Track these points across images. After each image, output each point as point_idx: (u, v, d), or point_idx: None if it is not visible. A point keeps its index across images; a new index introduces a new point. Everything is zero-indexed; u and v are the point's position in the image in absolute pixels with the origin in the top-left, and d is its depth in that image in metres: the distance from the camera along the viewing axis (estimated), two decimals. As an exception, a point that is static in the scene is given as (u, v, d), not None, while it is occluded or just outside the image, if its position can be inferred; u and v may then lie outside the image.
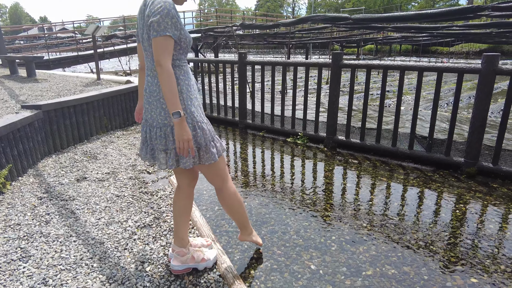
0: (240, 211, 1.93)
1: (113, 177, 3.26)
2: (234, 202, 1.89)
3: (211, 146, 1.69)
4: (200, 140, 1.65)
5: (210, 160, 1.68)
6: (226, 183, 1.84)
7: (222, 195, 1.86)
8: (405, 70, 3.53)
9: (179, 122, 1.51)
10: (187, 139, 1.53)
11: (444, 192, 2.93)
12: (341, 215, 2.55)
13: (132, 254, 2.06)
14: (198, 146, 1.66)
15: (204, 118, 1.70)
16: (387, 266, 1.98)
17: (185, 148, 1.54)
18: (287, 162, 3.72)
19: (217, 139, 1.77)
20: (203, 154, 1.67)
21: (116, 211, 2.60)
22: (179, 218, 1.90)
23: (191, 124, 1.63)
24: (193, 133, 1.64)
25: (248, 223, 2.02)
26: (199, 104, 1.71)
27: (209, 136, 1.68)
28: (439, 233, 2.31)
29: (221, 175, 1.81)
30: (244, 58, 4.80)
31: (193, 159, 1.66)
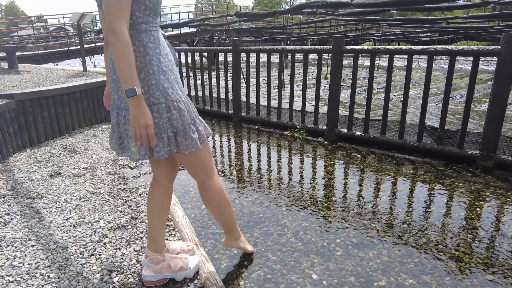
0: (227, 212, 1.61)
1: (90, 173, 2.93)
2: (220, 201, 1.56)
3: (190, 130, 1.36)
4: (176, 123, 1.33)
5: (190, 147, 1.36)
6: (211, 178, 1.52)
7: (206, 192, 1.54)
8: (413, 54, 3.21)
9: (135, 102, 1.18)
10: (144, 124, 1.20)
11: (460, 188, 2.61)
12: (345, 215, 2.23)
13: (100, 261, 1.73)
14: (174, 131, 1.34)
15: (182, 96, 1.38)
16: (403, 275, 1.65)
17: (142, 136, 1.21)
18: (284, 157, 3.39)
19: (200, 122, 1.44)
20: (181, 141, 1.35)
21: (88, 210, 2.26)
22: (155, 217, 1.57)
23: (164, 104, 1.30)
24: (168, 115, 1.31)
25: (236, 227, 1.70)
26: (176, 78, 1.39)
27: (188, 118, 1.36)
28: (461, 234, 1.99)
29: (204, 167, 1.49)
30: (238, 46, 4.47)
31: (168, 147, 1.33)
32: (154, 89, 1.28)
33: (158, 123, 1.30)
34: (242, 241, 1.75)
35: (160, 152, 1.31)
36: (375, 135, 3.58)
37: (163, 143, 1.31)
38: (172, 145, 1.34)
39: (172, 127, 1.33)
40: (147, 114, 1.21)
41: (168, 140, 1.33)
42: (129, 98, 1.17)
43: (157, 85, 1.28)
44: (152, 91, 1.28)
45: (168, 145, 1.33)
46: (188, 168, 1.50)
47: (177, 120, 1.33)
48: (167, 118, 1.31)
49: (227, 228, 1.67)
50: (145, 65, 1.27)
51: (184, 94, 1.41)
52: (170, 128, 1.32)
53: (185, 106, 1.36)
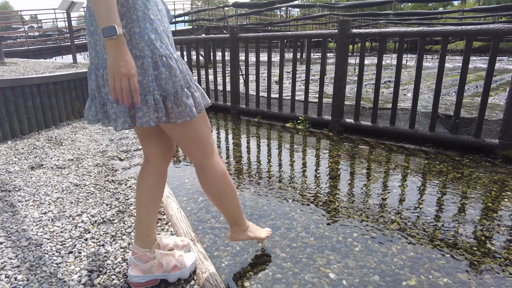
0: (230, 200, 1.35)
1: (76, 164, 2.66)
2: (222, 186, 1.30)
3: (183, 94, 1.10)
4: (165, 84, 1.07)
5: (183, 116, 1.10)
6: (211, 158, 1.26)
7: (205, 174, 1.27)
8: (425, 37, 2.98)
9: (114, 45, 0.93)
10: (126, 73, 0.95)
11: (482, 178, 2.38)
12: (360, 207, 1.99)
13: (79, 259, 1.47)
14: (163, 94, 1.08)
15: (174, 53, 1.12)
16: (434, 273, 1.41)
17: (124, 88, 0.96)
18: (287, 149, 3.15)
19: (196, 87, 1.19)
20: (172, 107, 1.09)
21: (70, 203, 2.00)
22: (144, 206, 1.32)
23: (150, 59, 1.05)
24: (155, 73, 1.06)
25: (242, 217, 1.44)
26: (167, 31, 1.13)
27: (180, 79, 1.10)
28: (494, 227, 1.76)
29: (202, 143, 1.23)
30: (236, 34, 4.22)
31: (156, 114, 1.07)
32: (138, 39, 1.03)
33: (142, 82, 1.04)
34: (252, 230, 1.49)
35: (144, 118, 1.05)
36: (383, 125, 3.35)
37: (147, 106, 1.05)
38: (160, 111, 1.07)
39: (160, 88, 1.07)
40: (129, 61, 0.96)
41: (155, 105, 1.06)
42: (107, 40, 0.92)
43: (142, 35, 1.03)
44: (135, 41, 1.03)
45: (155, 111, 1.06)
46: (182, 145, 1.24)
47: (167, 80, 1.07)
48: (153, 77, 1.05)
49: (232, 219, 1.42)
50: (127, 9, 1.02)
51: (175, 52, 1.16)
52: (158, 90, 1.07)
53: (177, 64, 1.11)
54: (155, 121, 1.07)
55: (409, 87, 7.90)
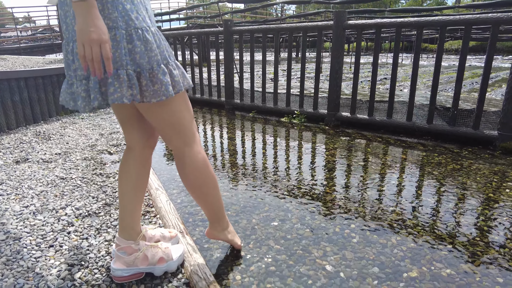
0: (210, 193, 1.24)
1: (63, 158, 2.56)
2: (202, 177, 1.19)
3: (160, 71, 1.00)
4: (140, 59, 0.97)
5: (158, 95, 1.00)
6: (191, 145, 1.16)
7: (183, 164, 1.17)
8: (422, 27, 2.92)
9: (84, 8, 0.84)
10: (97, 39, 0.86)
11: (482, 169, 2.32)
12: (358, 199, 1.91)
13: (60, 253, 1.38)
14: (137, 70, 0.98)
15: (151, 26, 1.03)
16: (436, 264, 1.34)
17: (94, 56, 0.87)
18: (283, 143, 3.07)
19: (176, 65, 1.09)
20: (147, 84, 0.99)
21: (55, 197, 1.91)
22: (128, 196, 1.24)
23: (124, 31, 0.95)
24: (129, 47, 0.96)
25: (223, 214, 1.34)
26: (146, 5, 1.04)
27: (157, 54, 1.00)
28: (497, 218, 1.69)
29: (181, 129, 1.13)
30: (230, 27, 4.14)
31: (129, 91, 0.96)
32: (111, 9, 0.93)
33: (114, 55, 0.94)
34: (230, 233, 1.39)
35: (115, 93, 0.95)
36: (380, 118, 3.28)
37: (119, 81, 0.95)
38: (134, 88, 0.97)
39: (134, 63, 0.97)
40: (101, 26, 0.86)
41: (129, 81, 0.96)
42: (76, 3, 0.83)
43: (115, 4, 0.94)
44: (107, 11, 0.93)
45: (128, 87, 0.96)
46: (160, 130, 1.13)
47: (142, 54, 0.97)
48: (127, 50, 0.96)
49: (212, 215, 1.31)
50: None
51: (154, 25, 1.06)
52: (132, 65, 0.97)
53: (154, 38, 1.01)
54: (129, 99, 0.97)
55: (405, 84, 7.87)
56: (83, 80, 0.98)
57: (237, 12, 9.66)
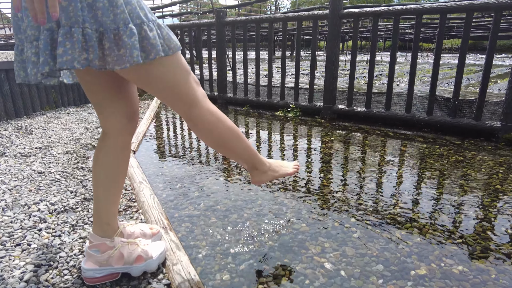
0: (235, 143, 1.09)
1: (43, 152, 2.40)
2: (218, 133, 1.03)
3: (126, 32, 0.81)
4: (103, 16, 0.80)
5: (122, 61, 0.82)
6: (195, 107, 0.99)
7: (193, 126, 1.02)
8: (422, 14, 2.80)
9: None
10: None
11: (486, 160, 2.21)
12: (357, 191, 1.78)
13: (27, 252, 1.23)
14: (100, 30, 0.80)
15: None
16: (446, 261, 1.21)
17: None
18: (277, 137, 2.93)
19: (154, 25, 0.88)
20: (111, 48, 0.81)
21: (29, 191, 1.75)
22: (104, 188, 1.09)
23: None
24: (89, 1, 0.78)
25: (259, 157, 1.21)
26: None
27: (124, 11, 0.82)
28: (508, 210, 1.57)
29: (177, 92, 0.95)
30: (223, 18, 3.99)
31: (84, 54, 0.79)
32: None
33: (67, 9, 0.77)
34: (275, 169, 1.25)
35: (64, 56, 0.76)
36: (378, 110, 3.16)
37: (72, 42, 0.77)
38: (91, 51, 0.79)
39: (96, 21, 0.79)
40: None
41: (85, 42, 0.78)
42: None
43: None
44: None
45: (83, 49, 0.78)
46: (157, 94, 0.96)
47: (104, 11, 0.79)
48: (85, 5, 0.78)
49: (248, 163, 1.18)
50: None
51: None
52: (93, 24, 0.79)
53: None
54: (82, 64, 0.79)
55: (401, 79, 7.78)
56: (34, 41, 0.81)
57: (231, 7, 9.50)
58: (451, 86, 7.15)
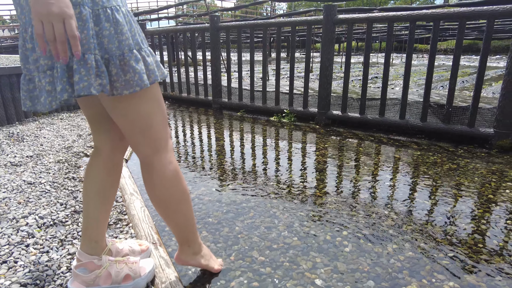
0: (180, 210, 1.05)
1: (34, 161, 2.38)
2: (172, 191, 1.01)
3: (132, 57, 0.85)
4: (109, 43, 0.82)
5: (131, 85, 0.85)
6: (161, 154, 0.98)
7: (151, 172, 0.99)
8: (415, 20, 2.80)
9: None
10: (58, 12, 0.70)
11: (479, 169, 2.21)
12: (350, 202, 1.78)
13: (13, 270, 1.21)
14: (106, 56, 0.83)
15: (122, 6, 0.87)
16: (438, 276, 1.21)
17: (57, 35, 0.71)
18: (272, 144, 2.92)
19: (150, 52, 0.93)
20: (118, 73, 0.84)
21: (18, 204, 1.73)
22: (94, 206, 1.08)
23: (91, 10, 0.80)
24: (96, 29, 0.82)
25: (195, 235, 1.14)
26: None
27: (129, 38, 0.85)
28: (499, 221, 1.57)
29: (152, 131, 0.96)
30: (217, 22, 3.98)
31: (98, 80, 0.81)
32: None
33: (81, 36, 0.79)
34: (204, 257, 1.18)
35: (81, 82, 0.78)
36: (372, 116, 3.16)
37: (86, 68, 0.79)
38: (103, 77, 0.81)
39: (102, 49, 0.82)
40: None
41: (97, 68, 0.81)
42: None
43: None
44: None
45: (97, 75, 0.80)
46: (125, 131, 0.95)
47: (111, 38, 0.82)
48: (94, 33, 0.81)
49: (182, 236, 1.11)
50: None
51: (125, 5, 0.91)
52: (100, 51, 0.82)
53: (125, 19, 0.86)
54: (98, 89, 0.81)
55: (396, 82, 7.81)
56: (48, 70, 0.82)
57: (226, 10, 9.50)
58: (446, 90, 7.18)
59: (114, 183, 1.11)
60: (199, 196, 1.85)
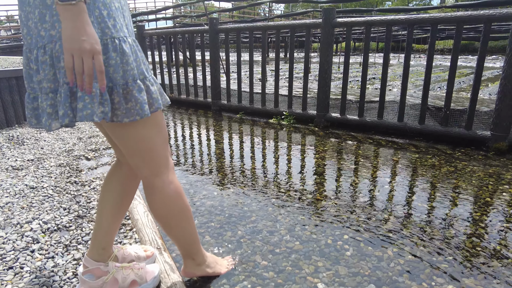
0: (183, 226, 1.09)
1: (36, 165, 2.39)
2: (173, 209, 1.04)
3: (135, 87, 0.87)
4: (114, 72, 0.85)
5: (131, 114, 0.88)
6: (162, 175, 1.01)
7: (152, 193, 1.02)
8: (414, 24, 2.84)
9: (74, 12, 0.73)
10: (89, 49, 0.74)
11: (476, 172, 2.24)
12: (350, 205, 1.80)
13: (19, 276, 1.23)
14: (110, 85, 0.85)
15: (129, 36, 0.90)
16: (437, 279, 1.24)
17: (86, 70, 0.75)
18: (271, 146, 2.95)
19: (153, 80, 0.95)
20: (120, 102, 0.86)
21: (21, 209, 1.74)
22: (108, 214, 1.11)
23: (100, 39, 0.83)
24: (104, 58, 0.84)
25: (199, 248, 1.18)
26: (123, 9, 0.91)
27: (134, 68, 0.88)
28: (495, 224, 1.60)
29: (152, 156, 0.98)
30: (216, 25, 4.00)
31: (101, 108, 0.83)
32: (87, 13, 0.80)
33: None
34: (210, 265, 1.22)
35: (85, 110, 0.81)
36: (371, 118, 3.19)
37: (91, 96, 0.81)
38: (106, 105, 0.84)
39: (106, 77, 0.84)
40: (92, 34, 0.75)
41: (101, 96, 0.83)
42: (63, 6, 0.72)
43: (92, 9, 0.81)
44: None
45: (100, 103, 0.83)
46: (127, 154, 0.98)
47: (116, 68, 0.85)
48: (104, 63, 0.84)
49: (185, 250, 1.15)
50: None
51: (132, 35, 0.93)
52: (106, 78, 0.84)
53: (131, 49, 0.88)
54: (99, 117, 0.83)
55: (393, 83, 7.85)
56: (50, 93, 0.85)
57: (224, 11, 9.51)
58: (443, 90, 7.23)
59: (130, 194, 1.14)
60: (201, 200, 1.87)
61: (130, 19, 0.96)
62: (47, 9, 0.80)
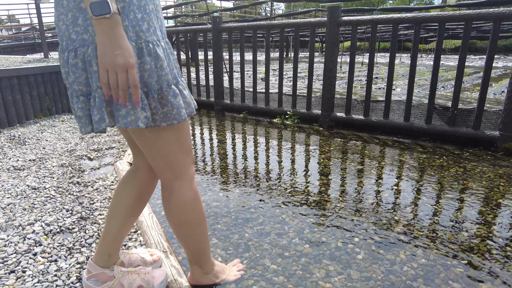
0: (196, 233, 1.06)
1: (37, 165, 2.35)
2: (189, 214, 1.01)
3: (170, 92, 0.86)
4: (149, 77, 0.83)
5: (169, 118, 0.87)
6: (182, 179, 0.99)
7: (170, 196, 1.00)
8: (421, 23, 2.79)
9: (108, 26, 0.71)
10: (124, 63, 0.73)
11: (486, 172, 2.20)
12: (360, 207, 1.76)
13: (21, 281, 1.19)
14: (144, 90, 0.83)
15: (161, 39, 0.87)
16: (453, 284, 1.19)
17: (120, 84, 0.74)
18: (275, 146, 2.91)
19: (185, 84, 0.94)
20: (156, 107, 0.85)
21: (23, 210, 1.70)
22: (118, 219, 1.07)
23: (134, 43, 0.80)
24: (138, 62, 0.81)
25: (208, 256, 1.14)
26: (156, 11, 0.88)
27: (167, 73, 0.86)
28: (509, 227, 1.56)
29: (173, 159, 0.96)
30: (219, 24, 3.96)
31: (144, 113, 0.81)
32: (122, 16, 0.78)
33: None
34: (217, 274, 1.17)
35: (129, 117, 0.80)
36: (377, 118, 3.15)
37: (132, 102, 0.80)
38: (147, 109, 0.82)
39: (141, 82, 0.82)
40: (127, 48, 0.73)
41: (142, 101, 0.82)
42: (97, 20, 0.70)
43: (126, 12, 0.78)
44: None
45: (142, 109, 0.81)
46: (150, 157, 0.96)
47: (151, 72, 0.82)
48: (136, 66, 0.80)
49: (194, 257, 1.11)
50: None
51: (165, 37, 0.90)
52: (140, 83, 0.82)
53: (164, 53, 0.86)
54: (144, 122, 0.82)
55: (397, 83, 7.80)
56: (81, 96, 0.82)
57: (225, 10, 9.47)
58: (446, 90, 7.19)
59: (143, 200, 1.11)
60: (207, 201, 1.83)
61: (163, 20, 0.93)
62: (81, 13, 0.78)
